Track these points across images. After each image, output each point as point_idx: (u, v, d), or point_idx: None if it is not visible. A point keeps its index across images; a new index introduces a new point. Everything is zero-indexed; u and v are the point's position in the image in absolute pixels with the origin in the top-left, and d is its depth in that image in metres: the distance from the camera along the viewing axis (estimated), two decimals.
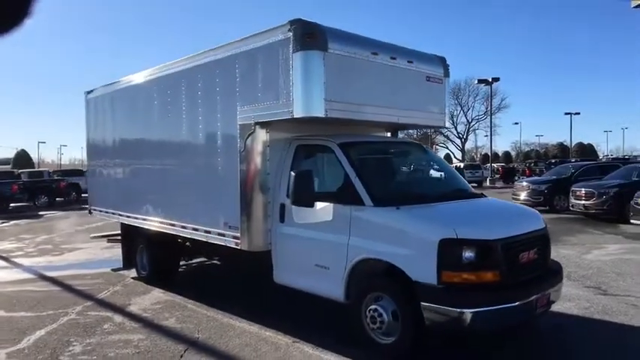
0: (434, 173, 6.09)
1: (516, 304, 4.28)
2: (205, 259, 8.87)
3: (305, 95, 4.97)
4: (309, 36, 4.91)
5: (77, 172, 33.51)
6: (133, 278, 8.28)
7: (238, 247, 5.77)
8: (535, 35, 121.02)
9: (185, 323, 5.81)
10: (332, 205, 5.03)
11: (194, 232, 6.58)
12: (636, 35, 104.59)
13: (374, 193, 4.82)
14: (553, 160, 41.11)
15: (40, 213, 21.85)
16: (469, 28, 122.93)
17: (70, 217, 19.53)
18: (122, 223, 8.71)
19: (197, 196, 6.65)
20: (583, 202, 14.71)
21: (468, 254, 4.19)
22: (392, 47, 5.80)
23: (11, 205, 24.12)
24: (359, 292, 4.82)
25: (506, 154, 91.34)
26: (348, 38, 5.31)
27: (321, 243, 5.13)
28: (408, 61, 5.92)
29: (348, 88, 5.25)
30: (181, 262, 8.52)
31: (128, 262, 8.70)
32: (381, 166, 6.07)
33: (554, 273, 5.04)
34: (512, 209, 5.44)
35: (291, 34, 5.00)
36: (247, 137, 5.62)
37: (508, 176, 39.75)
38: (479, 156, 77.80)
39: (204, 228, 6.35)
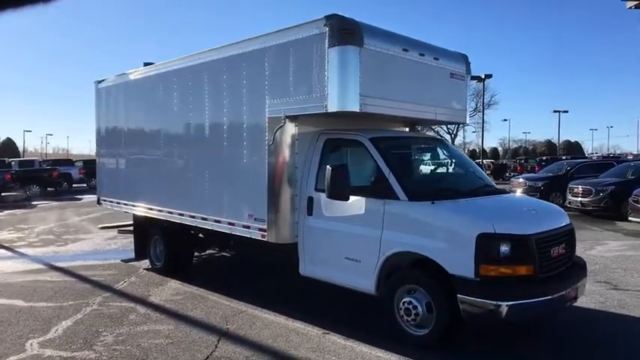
0: (459, 169, 6.19)
1: (549, 297, 4.41)
2: (214, 252, 8.91)
3: (341, 90, 5.01)
4: (346, 32, 4.95)
5: (68, 162, 33.25)
6: (145, 269, 8.28)
7: (265, 240, 5.81)
8: (524, 34, 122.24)
9: (211, 314, 5.84)
10: (364, 198, 5.10)
11: (216, 223, 6.59)
12: (627, 36, 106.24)
13: (408, 188, 4.90)
14: (544, 158, 41.60)
15: (34, 203, 21.57)
16: (460, 25, 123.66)
17: (65, 207, 19.33)
18: (134, 214, 8.69)
19: (219, 188, 6.65)
20: (580, 199, 14.99)
21: (505, 248, 4.31)
22: (420, 44, 5.87)
23: (2, 194, 23.77)
24: (391, 284, 4.91)
25: (494, 150, 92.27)
26: (381, 34, 5.35)
27: (352, 236, 5.19)
28: (435, 58, 5.99)
29: (380, 83, 5.31)
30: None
31: (140, 253, 8.68)
32: (411, 161, 6.15)
33: (580, 267, 5.20)
34: (540, 205, 5.56)
35: (327, 29, 5.02)
36: (277, 130, 5.64)
37: (498, 173, 40.10)
38: (466, 152, 78.50)
39: (228, 220, 6.36)
